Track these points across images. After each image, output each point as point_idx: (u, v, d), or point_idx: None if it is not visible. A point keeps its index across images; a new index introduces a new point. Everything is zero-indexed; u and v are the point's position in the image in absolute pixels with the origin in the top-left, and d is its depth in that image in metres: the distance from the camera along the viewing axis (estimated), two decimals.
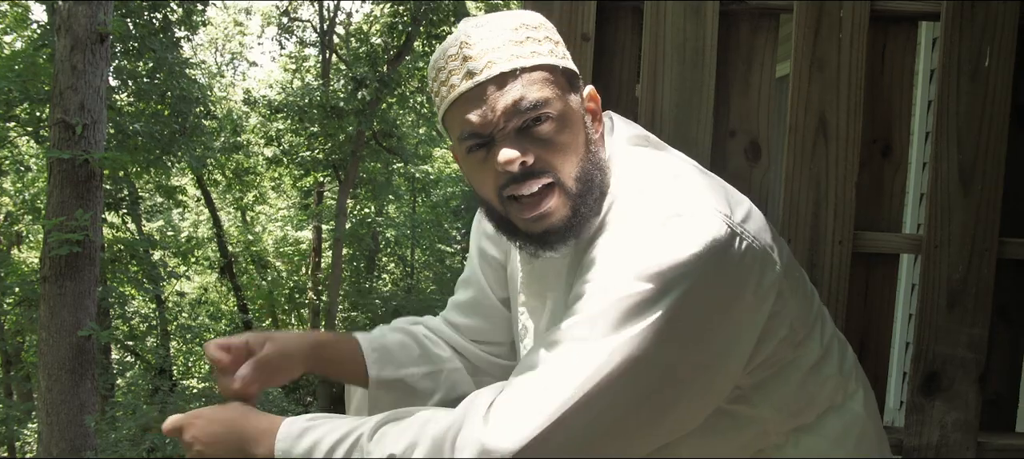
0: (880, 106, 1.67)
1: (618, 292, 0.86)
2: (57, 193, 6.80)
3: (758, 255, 0.91)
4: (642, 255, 0.87)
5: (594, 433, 0.85)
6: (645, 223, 0.90)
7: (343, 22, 16.57)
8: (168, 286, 13.58)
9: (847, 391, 1.06)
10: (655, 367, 0.86)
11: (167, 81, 10.39)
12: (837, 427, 1.03)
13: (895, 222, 1.69)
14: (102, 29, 6.73)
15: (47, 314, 6.74)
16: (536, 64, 0.97)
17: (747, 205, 0.98)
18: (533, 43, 0.99)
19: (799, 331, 0.98)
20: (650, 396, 0.87)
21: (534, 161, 0.95)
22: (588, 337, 0.86)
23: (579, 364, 0.85)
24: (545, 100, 0.95)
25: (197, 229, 16.87)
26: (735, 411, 0.98)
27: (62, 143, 6.70)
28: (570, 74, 1.02)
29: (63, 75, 6.67)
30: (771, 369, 0.97)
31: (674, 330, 0.86)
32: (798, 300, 0.99)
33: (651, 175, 0.99)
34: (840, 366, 1.07)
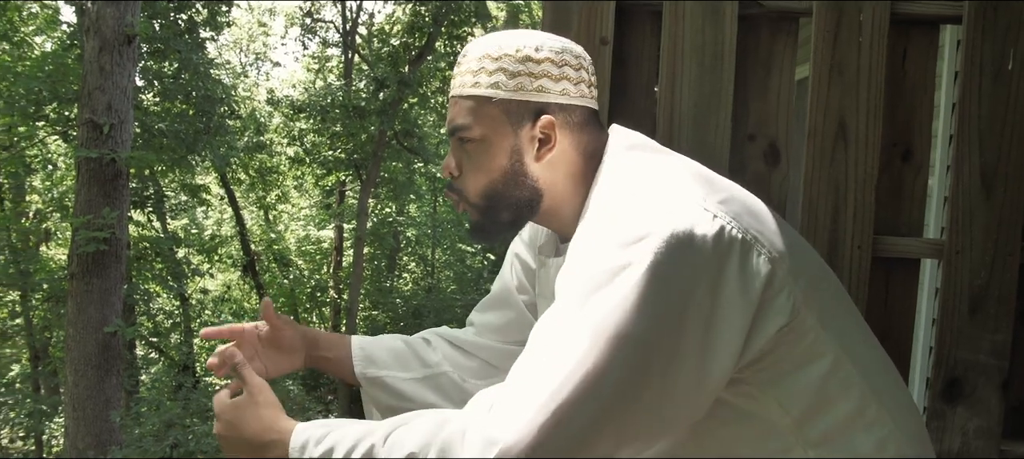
0: (901, 110, 1.66)
1: (585, 273, 0.90)
2: (84, 192, 6.91)
3: (737, 238, 0.92)
4: (608, 237, 0.92)
5: (593, 420, 0.86)
6: (615, 209, 0.95)
7: (366, 22, 16.67)
8: (192, 283, 13.72)
9: (882, 409, 1.02)
10: (628, 343, 0.87)
11: (192, 81, 10.51)
12: (868, 446, 1.00)
13: (916, 226, 1.68)
14: (129, 31, 6.82)
15: (74, 310, 6.84)
16: (469, 94, 1.11)
17: (733, 192, 1.00)
18: (484, 74, 1.10)
19: (807, 326, 0.96)
20: (631, 374, 0.87)
21: (457, 174, 1.15)
22: (565, 323, 0.89)
23: (563, 350, 0.88)
24: (464, 126, 1.11)
25: (221, 227, 17.04)
26: (735, 403, 0.97)
27: (90, 142, 6.81)
28: (510, 105, 1.10)
29: (91, 76, 6.77)
30: (773, 362, 0.96)
31: (639, 305, 0.87)
32: (807, 294, 0.97)
33: (633, 171, 1.03)
34: (870, 377, 1.02)
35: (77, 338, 6.83)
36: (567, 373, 0.86)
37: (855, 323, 1.08)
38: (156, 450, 7.20)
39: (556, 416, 0.84)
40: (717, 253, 0.90)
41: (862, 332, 1.09)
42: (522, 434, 0.84)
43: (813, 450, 0.98)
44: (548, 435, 0.84)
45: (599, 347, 0.86)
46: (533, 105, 1.10)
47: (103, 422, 6.79)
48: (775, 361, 0.96)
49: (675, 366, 0.89)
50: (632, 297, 0.87)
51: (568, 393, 0.85)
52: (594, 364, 0.86)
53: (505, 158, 1.11)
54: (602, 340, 0.86)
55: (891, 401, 1.04)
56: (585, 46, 1.61)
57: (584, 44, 1.61)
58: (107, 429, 6.81)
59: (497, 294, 1.42)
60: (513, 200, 1.12)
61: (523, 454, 0.84)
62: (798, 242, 1.04)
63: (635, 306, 0.87)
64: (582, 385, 0.85)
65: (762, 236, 0.95)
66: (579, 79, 1.13)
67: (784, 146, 1.69)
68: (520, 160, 1.11)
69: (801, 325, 0.96)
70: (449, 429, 0.88)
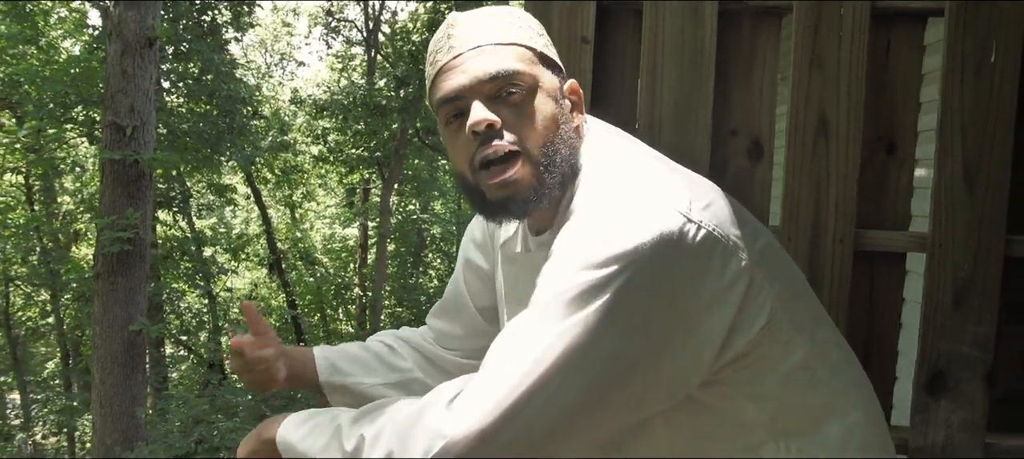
0: (885, 103, 1.66)
1: (566, 281, 0.89)
2: (109, 193, 7.05)
3: (718, 244, 0.92)
4: (590, 245, 0.90)
5: (550, 418, 0.86)
6: (598, 215, 0.94)
7: (388, 21, 16.76)
8: (219, 282, 13.91)
9: (847, 399, 1.05)
10: (600, 354, 0.87)
11: (215, 82, 10.66)
12: (837, 435, 1.02)
13: (901, 220, 1.68)
14: (150, 33, 6.94)
15: (100, 309, 6.99)
16: (512, 41, 1.04)
17: (712, 197, 0.99)
18: (514, 28, 1.06)
19: (783, 326, 0.98)
20: (599, 384, 0.88)
21: (502, 124, 1.01)
22: (537, 326, 0.89)
23: (528, 352, 0.88)
24: (517, 71, 1.01)
25: (247, 226, 17.24)
26: (712, 403, 0.98)
27: (113, 144, 6.94)
28: (549, 59, 1.08)
29: (114, 79, 6.91)
30: (751, 362, 0.97)
31: (618, 317, 0.87)
32: (781, 294, 0.98)
33: (614, 170, 1.02)
34: (837, 371, 1.05)
35: (103, 336, 6.98)
36: (529, 378, 0.86)
37: (821, 319, 1.10)
38: (181, 446, 7.33)
39: (509, 419, 0.85)
40: (700, 263, 0.91)
41: (828, 327, 1.11)
42: (470, 430, 0.85)
43: (784, 441, 1.00)
44: (497, 436, 0.85)
45: (565, 358, 0.86)
46: (560, 68, 1.09)
47: (129, 418, 6.93)
48: (754, 360, 0.97)
49: (650, 379, 0.90)
50: (612, 312, 0.87)
51: (526, 399, 0.85)
52: (557, 373, 0.86)
53: (554, 112, 1.04)
54: (569, 351, 0.86)
55: (856, 392, 1.07)
56: (566, 45, 1.64)
57: (565, 43, 1.64)
58: (133, 425, 6.95)
59: (451, 300, 1.40)
60: (564, 160, 1.03)
61: (469, 449, 0.85)
62: (772, 242, 1.06)
63: (614, 322, 0.87)
64: (544, 393, 0.86)
65: (742, 240, 0.96)
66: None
67: (767, 141, 1.70)
68: (566, 118, 1.06)
69: (777, 326, 0.97)
70: (406, 415, 0.91)
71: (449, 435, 0.86)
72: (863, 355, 1.69)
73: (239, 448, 1.09)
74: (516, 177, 1.01)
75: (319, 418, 1.02)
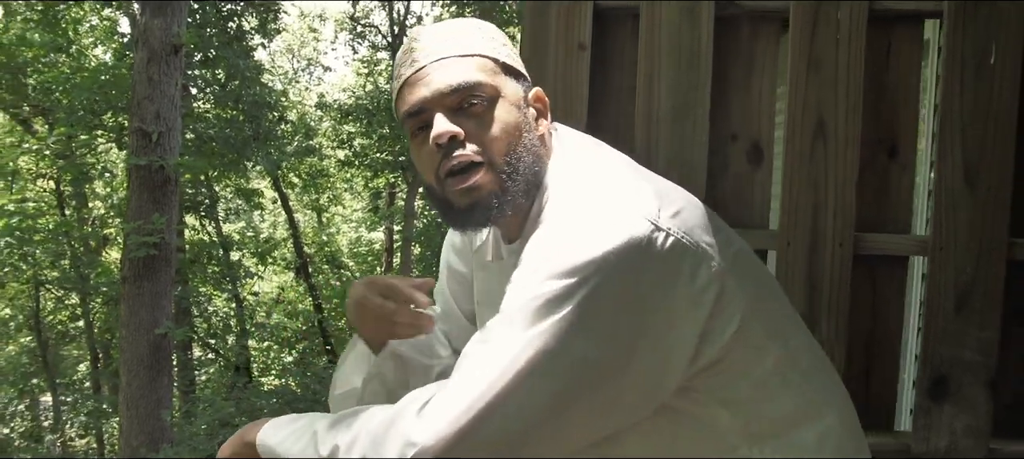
0: (885, 106, 1.65)
1: (534, 288, 0.89)
2: (136, 198, 7.17)
3: (687, 252, 0.92)
4: (559, 252, 0.91)
5: (520, 424, 0.87)
6: (566, 222, 0.94)
7: (413, 25, 16.85)
8: (246, 286, 14.06)
9: (821, 403, 1.04)
10: (568, 360, 0.88)
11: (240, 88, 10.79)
12: (810, 439, 1.01)
13: (902, 223, 1.66)
14: (176, 40, 7.05)
15: (127, 313, 7.11)
16: (474, 52, 1.05)
17: (682, 204, 0.98)
18: (476, 39, 1.07)
19: (754, 332, 0.98)
20: (568, 390, 0.88)
21: (465, 135, 1.02)
22: (505, 333, 0.89)
23: (495, 360, 0.88)
24: (478, 82, 1.03)
25: (275, 230, 17.41)
26: (686, 409, 0.98)
27: (140, 150, 7.06)
28: (513, 69, 1.09)
29: (140, 85, 7.03)
30: (723, 368, 0.97)
31: (587, 323, 0.88)
32: (753, 300, 0.98)
33: (583, 178, 1.02)
34: (810, 375, 1.04)
35: (130, 339, 7.09)
36: (498, 385, 0.86)
37: (794, 324, 1.09)
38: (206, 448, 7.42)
39: (477, 426, 0.85)
40: (669, 270, 0.91)
41: (801, 333, 1.10)
42: (440, 438, 0.86)
43: (758, 447, 0.99)
44: (466, 442, 0.85)
45: (533, 364, 0.87)
46: (524, 78, 1.10)
47: (155, 420, 7.03)
48: (727, 366, 0.97)
49: (620, 386, 0.90)
50: (579, 319, 0.87)
51: (493, 405, 0.86)
52: (524, 380, 0.86)
53: (517, 120, 1.05)
54: (537, 357, 0.87)
55: (830, 396, 1.07)
56: (563, 50, 1.65)
57: (562, 48, 1.65)
58: (159, 427, 7.06)
59: (439, 305, 1.36)
60: (528, 168, 1.04)
61: (436, 456, 0.86)
62: (744, 249, 1.05)
63: (581, 329, 0.87)
64: (511, 399, 0.86)
65: (712, 247, 0.95)
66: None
67: (767, 145, 1.69)
68: (530, 126, 1.06)
69: (749, 330, 0.97)
70: (378, 422, 0.92)
71: (419, 442, 0.86)
72: (865, 359, 1.69)
73: (221, 449, 1.10)
74: (479, 184, 1.02)
75: (298, 423, 1.03)
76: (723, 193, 1.71)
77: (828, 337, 1.60)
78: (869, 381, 1.69)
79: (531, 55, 1.65)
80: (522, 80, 1.11)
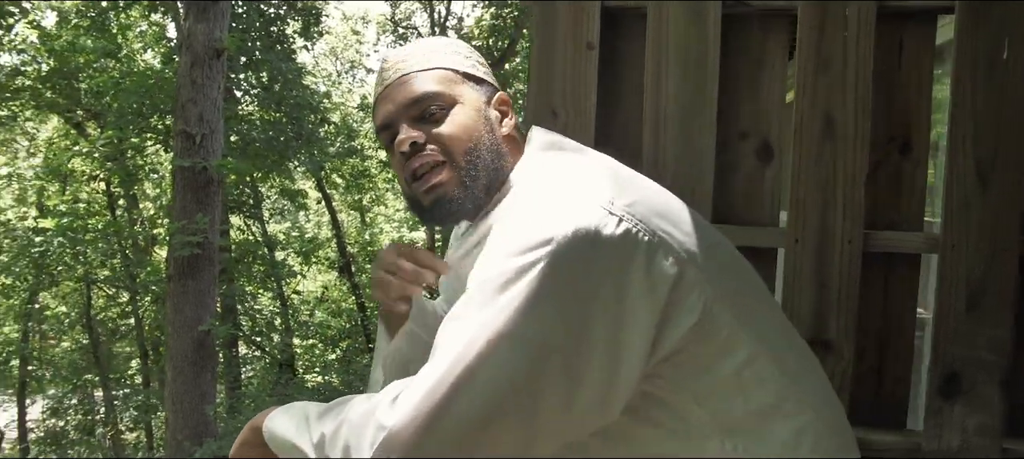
0: (898, 103, 1.64)
1: (488, 270, 0.93)
2: (180, 199, 7.36)
3: (641, 239, 0.93)
4: (511, 235, 0.94)
5: (483, 405, 0.89)
6: (522, 209, 0.97)
7: (454, 26, 16.96)
8: (290, 284, 14.29)
9: (799, 401, 1.03)
10: (526, 339, 0.90)
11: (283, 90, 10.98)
12: (786, 435, 1.01)
13: (916, 220, 1.65)
14: (218, 45, 7.22)
15: (172, 310, 7.29)
16: (433, 66, 1.14)
17: (642, 195, 1.00)
18: (437, 54, 1.15)
19: (721, 325, 0.98)
20: (529, 369, 0.90)
21: (426, 139, 1.12)
22: (463, 314, 0.93)
23: (455, 341, 0.91)
24: (436, 92, 1.12)
25: (319, 230, 17.67)
26: (656, 398, 0.99)
27: (184, 152, 7.24)
28: (474, 77, 1.17)
29: (184, 89, 7.21)
30: (687, 359, 0.98)
31: (539, 303, 0.90)
32: (721, 293, 0.99)
33: (544, 171, 1.06)
34: (789, 373, 1.03)
35: (175, 336, 7.28)
36: (457, 367, 0.89)
37: (775, 319, 1.09)
38: None
39: (441, 408, 0.88)
40: (621, 256, 0.93)
41: (782, 328, 1.10)
42: (407, 423, 0.88)
43: (730, 439, 1.00)
44: (432, 425, 0.88)
45: (492, 345, 0.89)
46: (487, 84, 1.18)
47: (199, 415, 7.21)
48: (689, 357, 0.98)
49: (578, 368, 0.91)
50: (531, 298, 0.90)
51: (454, 387, 0.88)
52: (484, 360, 0.89)
53: (481, 121, 1.13)
54: (496, 338, 0.89)
55: (811, 394, 1.06)
56: (572, 50, 1.67)
57: (570, 48, 1.67)
58: (203, 422, 7.23)
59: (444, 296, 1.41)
60: (488, 165, 1.12)
61: (407, 442, 0.88)
62: (714, 242, 1.06)
63: (533, 308, 0.90)
64: (471, 380, 0.88)
65: (670, 237, 0.97)
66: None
67: (777, 143, 1.70)
68: (491, 126, 1.14)
69: (713, 322, 0.97)
70: (361, 412, 0.95)
71: (388, 426, 0.89)
72: (877, 357, 1.68)
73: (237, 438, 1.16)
74: (441, 181, 1.11)
75: (294, 410, 1.07)
76: (733, 191, 1.72)
77: (837, 334, 1.60)
78: (881, 379, 1.69)
79: (540, 54, 1.68)
80: (484, 86, 1.18)
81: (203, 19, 7.19)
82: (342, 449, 0.95)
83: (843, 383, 1.61)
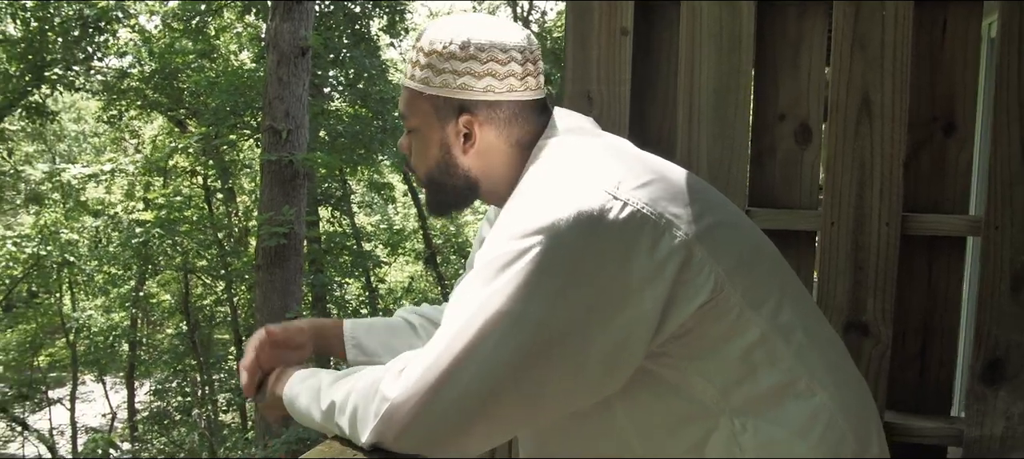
0: (941, 82, 1.61)
1: (493, 250, 0.96)
2: (268, 191, 7.67)
3: (647, 222, 0.94)
4: (516, 217, 0.97)
5: (483, 380, 0.92)
6: (528, 193, 1.00)
7: (537, 20, 17.00)
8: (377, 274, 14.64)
9: (813, 381, 1.02)
10: (527, 319, 0.92)
11: (368, 86, 11.26)
12: (799, 416, 1.00)
13: (960, 203, 1.61)
14: (303, 43, 7.48)
15: (260, 299, 7.61)
16: (407, 86, 1.17)
17: (652, 176, 1.01)
18: (418, 67, 1.14)
19: (731, 304, 0.99)
20: (528, 348, 0.92)
21: (410, 155, 1.21)
22: (467, 292, 0.96)
23: (457, 316, 0.94)
24: (403, 115, 1.19)
25: (406, 222, 18.03)
26: (662, 376, 1.01)
27: (271, 147, 7.54)
28: (437, 100, 1.13)
29: (271, 86, 7.51)
30: (695, 338, 0.99)
31: (540, 285, 0.92)
32: (731, 273, 0.99)
33: (556, 155, 1.07)
34: (803, 353, 1.03)
35: (262, 323, 7.58)
36: (458, 343, 0.92)
37: (790, 298, 1.08)
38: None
39: (440, 382, 0.92)
40: (624, 239, 0.94)
41: (798, 308, 1.08)
42: (408, 396, 0.93)
43: (739, 417, 1.00)
44: (431, 398, 0.92)
45: (492, 323, 0.92)
46: (456, 102, 1.13)
47: None
48: (698, 336, 0.98)
49: (580, 349, 0.94)
50: (531, 279, 0.92)
51: (455, 362, 0.92)
52: (485, 337, 0.92)
53: (436, 149, 1.15)
54: (496, 317, 0.92)
55: (828, 376, 1.04)
56: (606, 36, 1.70)
57: (605, 35, 1.70)
58: None
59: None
60: (449, 186, 1.17)
61: (408, 414, 0.93)
62: (728, 220, 1.06)
63: (533, 288, 0.92)
64: (470, 357, 0.92)
65: (678, 218, 0.97)
66: (508, 73, 1.13)
67: (816, 125, 1.68)
68: (449, 152, 1.15)
69: (724, 302, 0.98)
70: (368, 381, 1.01)
71: (391, 397, 0.94)
72: (920, 342, 1.65)
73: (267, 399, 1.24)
74: (424, 191, 1.22)
75: (311, 379, 1.14)
76: (771, 174, 1.71)
77: (874, 318, 1.58)
78: (925, 364, 1.65)
79: (575, 40, 1.71)
80: (451, 106, 1.13)
81: (288, 19, 7.46)
82: (349, 416, 1.00)
83: (881, 367, 1.59)
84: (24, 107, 11.28)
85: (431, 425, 0.95)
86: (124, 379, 14.86)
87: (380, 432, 0.97)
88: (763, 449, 1.00)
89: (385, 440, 0.97)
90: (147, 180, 13.26)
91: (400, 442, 0.97)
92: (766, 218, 1.67)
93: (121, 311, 13.88)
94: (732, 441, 1.01)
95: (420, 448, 0.97)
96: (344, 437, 1.04)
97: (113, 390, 15.50)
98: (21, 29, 10.48)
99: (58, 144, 16.78)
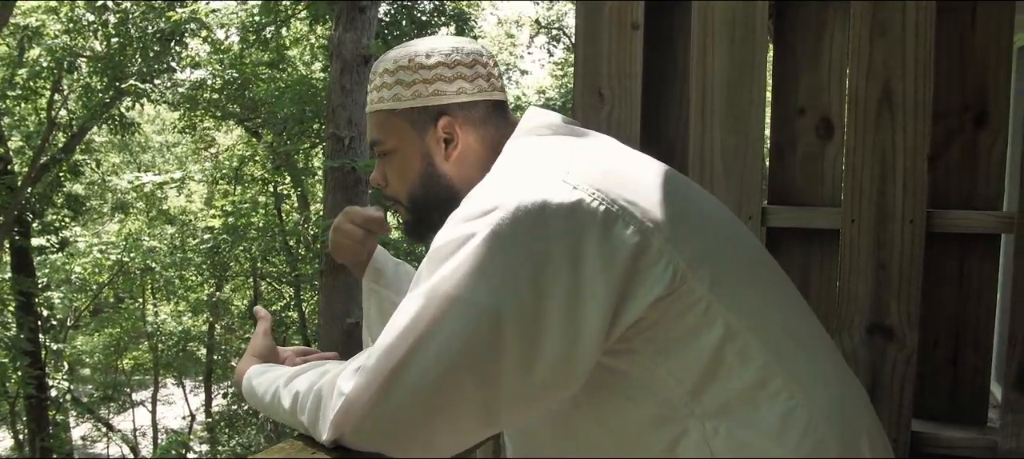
0: (973, 71, 1.52)
1: (442, 236, 0.94)
2: (331, 197, 7.81)
3: (597, 209, 0.92)
4: (462, 207, 0.95)
5: (437, 373, 0.90)
6: (477, 188, 0.98)
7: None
8: None
9: (792, 383, 0.96)
10: (476, 303, 0.90)
11: None
12: (773, 418, 0.95)
13: (993, 198, 1.52)
14: (365, 52, 7.60)
15: (324, 303, 7.76)
16: (376, 109, 1.17)
17: (608, 167, 0.98)
18: (385, 89, 1.15)
19: (694, 296, 0.93)
20: (480, 334, 0.90)
21: (385, 184, 1.20)
22: (416, 285, 0.94)
23: (406, 310, 0.92)
24: (377, 140, 1.17)
25: None
26: (631, 373, 0.97)
27: (334, 154, 7.68)
28: (412, 113, 1.14)
29: (334, 94, 7.65)
30: (658, 331, 0.94)
31: (487, 269, 0.90)
32: (695, 263, 0.94)
33: (513, 154, 1.05)
34: (780, 353, 0.97)
35: (325, 327, 7.74)
36: (410, 332, 0.91)
37: (769, 293, 1.03)
38: None
39: (394, 372, 0.90)
40: (573, 224, 0.91)
41: (779, 302, 1.03)
42: (363, 389, 0.92)
43: (710, 421, 0.95)
44: (386, 389, 0.91)
45: (441, 309, 0.90)
46: (433, 109, 1.14)
47: None
48: (664, 330, 0.94)
49: (534, 334, 0.90)
50: (479, 263, 0.90)
51: (402, 354, 0.90)
52: (434, 324, 0.90)
53: (418, 161, 1.15)
54: (445, 303, 0.90)
55: (805, 374, 0.98)
56: (616, 31, 1.66)
57: (615, 28, 1.66)
58: None
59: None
60: (436, 200, 1.15)
61: (364, 406, 0.92)
62: (695, 211, 1.01)
63: (482, 272, 0.90)
64: (422, 344, 0.90)
65: (634, 207, 0.94)
66: (475, 75, 1.15)
67: (838, 118, 1.61)
68: (431, 162, 1.15)
69: (688, 294, 0.93)
70: (327, 379, 1.00)
71: (346, 392, 0.93)
72: (952, 348, 1.56)
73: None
74: (404, 218, 1.20)
75: (270, 373, 1.14)
76: (792, 169, 1.64)
77: (898, 321, 1.50)
78: (958, 371, 1.56)
79: (585, 36, 1.68)
80: (425, 115, 1.14)
81: (352, 28, 7.60)
82: (312, 407, 1.00)
83: (907, 373, 1.50)
84: (107, 119, 11.80)
85: (388, 418, 0.93)
86: (202, 382, 15.38)
87: (338, 427, 0.96)
88: (736, 452, 0.95)
89: (344, 436, 0.96)
90: (225, 188, 13.72)
91: (359, 437, 0.95)
92: (785, 216, 1.60)
93: (198, 316, 14.39)
94: (703, 445, 0.96)
95: (380, 444, 0.95)
96: (307, 434, 1.03)
97: (192, 393, 16.06)
98: (103, 44, 10.97)
99: (142, 154, 17.50)
